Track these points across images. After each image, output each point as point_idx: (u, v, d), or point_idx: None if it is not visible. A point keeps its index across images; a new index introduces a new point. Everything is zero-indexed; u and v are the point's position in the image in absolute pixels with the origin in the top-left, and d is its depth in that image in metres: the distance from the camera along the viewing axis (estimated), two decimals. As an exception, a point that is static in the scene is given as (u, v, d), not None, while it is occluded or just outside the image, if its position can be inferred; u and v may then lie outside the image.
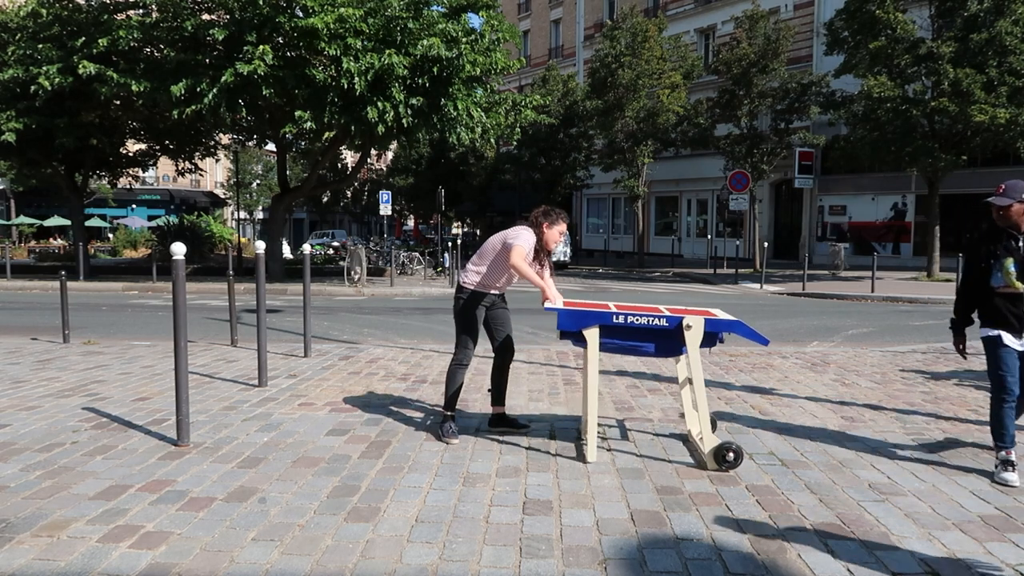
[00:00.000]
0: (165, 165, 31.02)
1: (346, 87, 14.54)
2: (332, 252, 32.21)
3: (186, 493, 3.73)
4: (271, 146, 27.03)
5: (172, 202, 44.47)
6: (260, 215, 49.08)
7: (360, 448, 4.50)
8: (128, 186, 27.81)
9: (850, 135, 20.82)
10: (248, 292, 14.38)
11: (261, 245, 6.36)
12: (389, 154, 56.11)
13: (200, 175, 40.86)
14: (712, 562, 3.04)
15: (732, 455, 4.13)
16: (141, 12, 16.46)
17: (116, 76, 14.81)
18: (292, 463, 4.21)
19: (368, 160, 28.01)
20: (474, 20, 16.80)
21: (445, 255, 21.55)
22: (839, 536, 3.31)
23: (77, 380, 6.42)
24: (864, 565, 3.02)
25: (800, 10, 28.99)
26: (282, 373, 6.76)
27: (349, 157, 51.61)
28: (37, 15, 16.30)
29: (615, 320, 4.22)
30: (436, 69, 14.92)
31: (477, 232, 53.12)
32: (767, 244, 22.58)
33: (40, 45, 15.52)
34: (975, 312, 4.25)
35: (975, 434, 4.97)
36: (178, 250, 4.44)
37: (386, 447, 4.53)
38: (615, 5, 36.16)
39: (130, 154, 22.97)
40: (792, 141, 25.23)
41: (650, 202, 35.13)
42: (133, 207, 43.09)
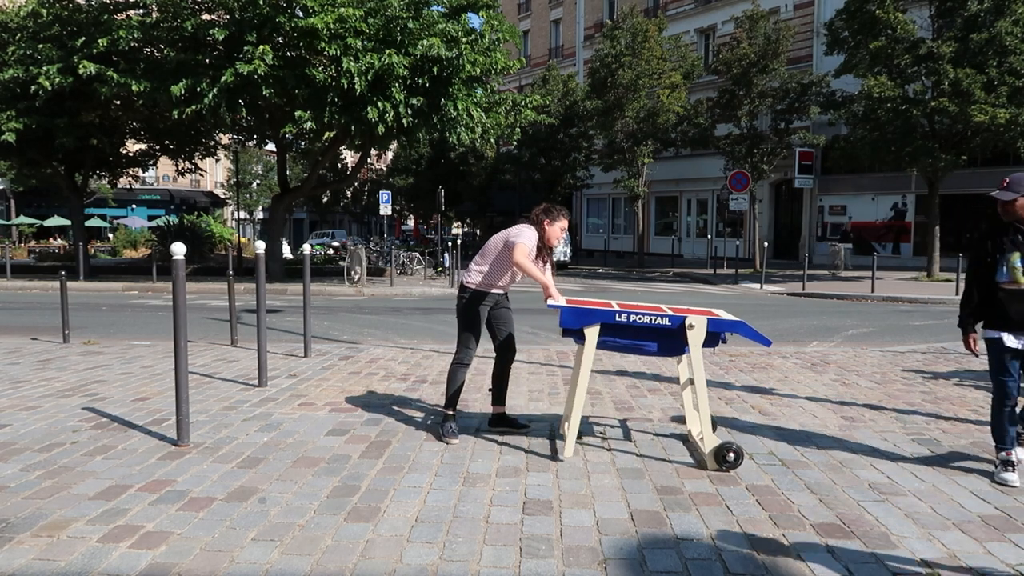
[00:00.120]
0: (165, 165, 31.03)
1: (346, 87, 14.54)
2: (332, 252, 32.21)
3: (186, 493, 3.73)
4: (271, 146, 27.03)
5: (172, 202, 44.47)
6: (260, 215, 49.08)
7: (360, 448, 4.50)
8: (128, 186, 27.82)
9: (850, 135, 20.82)
10: (248, 292, 14.38)
11: (261, 245, 6.36)
12: (389, 154, 56.12)
13: (200, 175, 40.87)
14: (712, 562, 3.04)
15: (732, 455, 4.12)
16: (141, 12, 16.46)
17: (116, 76, 14.82)
18: (292, 463, 4.21)
19: (368, 160, 28.01)
20: (474, 20, 16.81)
21: (445, 255, 21.56)
22: (839, 536, 3.31)
23: (77, 380, 6.42)
24: (864, 565, 3.02)
25: (800, 10, 28.99)
26: (282, 373, 6.76)
27: (349, 157, 51.61)
28: (37, 15, 16.30)
29: (618, 318, 4.21)
30: (436, 69, 14.93)
31: (477, 232, 53.13)
32: (767, 244, 22.58)
33: (40, 45, 15.52)
34: (980, 308, 4.14)
35: (975, 434, 4.97)
36: (178, 250, 4.44)
37: (386, 447, 4.53)
38: (615, 5, 36.16)
39: (130, 154, 22.97)
40: (792, 141, 25.23)
41: (650, 202, 35.13)
42: (133, 207, 43.09)
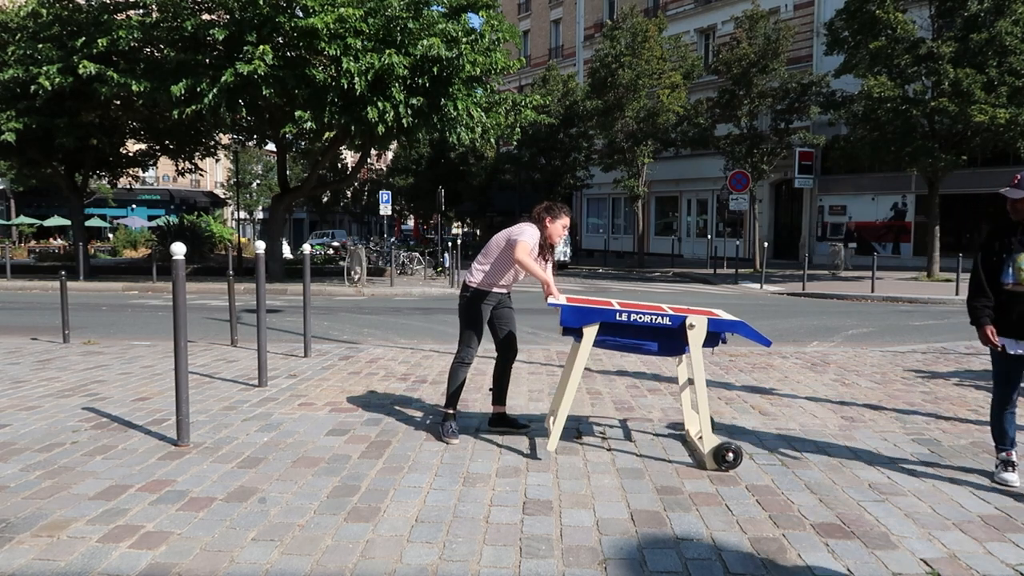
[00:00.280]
0: (165, 165, 31.03)
1: (346, 87, 14.54)
2: (332, 252, 32.21)
3: (186, 493, 3.73)
4: (271, 146, 27.03)
5: (172, 202, 44.47)
6: (260, 215, 49.07)
7: (360, 448, 4.50)
8: (128, 186, 27.81)
9: (850, 135, 20.82)
10: (248, 292, 14.38)
11: (261, 245, 6.36)
12: (389, 154, 56.12)
13: (200, 175, 40.86)
14: (712, 562, 3.04)
15: (732, 455, 4.12)
16: (141, 12, 16.45)
17: (116, 76, 14.82)
18: (292, 463, 4.21)
19: (368, 160, 28.01)
20: (474, 20, 16.81)
21: (445, 255, 21.56)
22: (839, 536, 3.31)
23: (77, 380, 6.42)
24: (864, 565, 3.02)
25: (800, 10, 28.99)
26: (282, 373, 6.76)
27: (349, 157, 51.60)
28: (37, 15, 16.30)
29: (619, 317, 4.21)
30: (436, 69, 14.92)
31: (477, 232, 53.16)
32: (767, 244, 22.58)
33: (40, 45, 15.51)
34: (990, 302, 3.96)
35: (975, 434, 4.97)
36: (178, 250, 4.44)
37: (386, 447, 4.53)
38: (615, 5, 36.16)
39: (130, 154, 22.97)
40: (792, 141, 25.23)
41: (650, 202, 35.13)
42: (133, 207, 43.09)
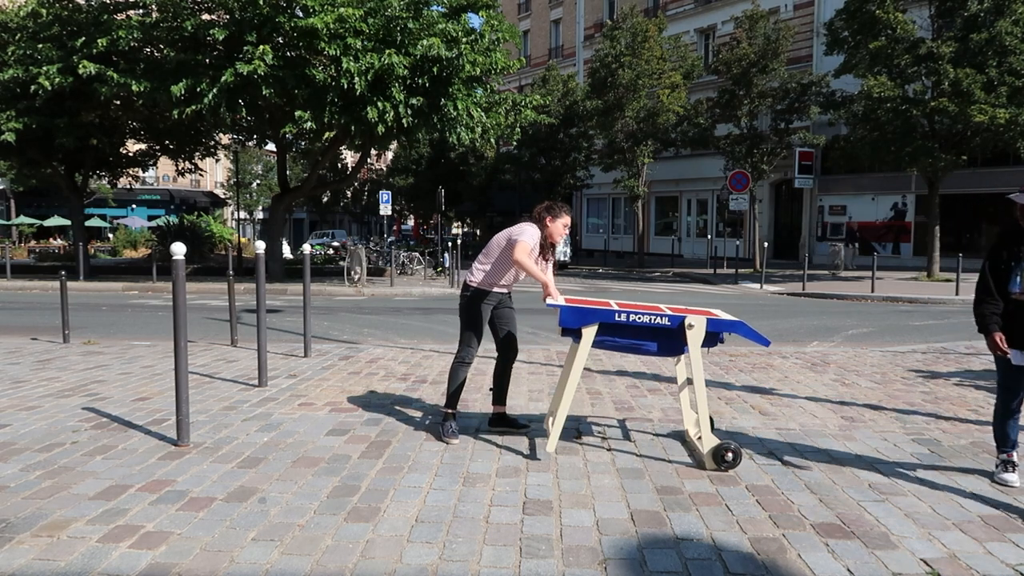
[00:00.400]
0: (165, 165, 31.03)
1: (346, 87, 14.54)
2: (332, 252, 32.22)
3: (186, 493, 3.73)
4: (271, 146, 27.03)
5: (172, 202, 44.47)
6: (260, 215, 49.08)
7: (360, 448, 4.50)
8: (128, 186, 27.82)
9: (850, 135, 20.83)
10: (248, 292, 14.38)
11: (261, 245, 6.36)
12: (389, 154, 56.13)
13: (200, 175, 40.87)
14: (712, 562, 3.04)
15: (731, 455, 4.12)
16: (141, 12, 16.46)
17: (116, 76, 14.82)
18: (292, 463, 4.21)
19: (368, 160, 28.02)
20: (474, 20, 16.81)
21: (445, 255, 21.56)
22: (839, 536, 3.31)
23: (77, 380, 6.42)
24: (864, 565, 3.02)
25: (800, 10, 28.99)
26: (282, 373, 6.76)
27: (349, 157, 51.61)
28: (37, 15, 16.30)
29: (618, 318, 4.21)
30: (436, 69, 14.92)
31: (477, 232, 53.16)
32: (767, 244, 22.58)
33: (40, 45, 15.52)
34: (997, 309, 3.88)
35: (975, 434, 4.97)
36: (178, 250, 4.44)
37: (386, 447, 4.53)
38: (615, 5, 36.16)
39: (130, 154, 22.98)
40: (792, 141, 25.23)
41: (650, 202, 35.13)
42: (133, 207, 43.09)
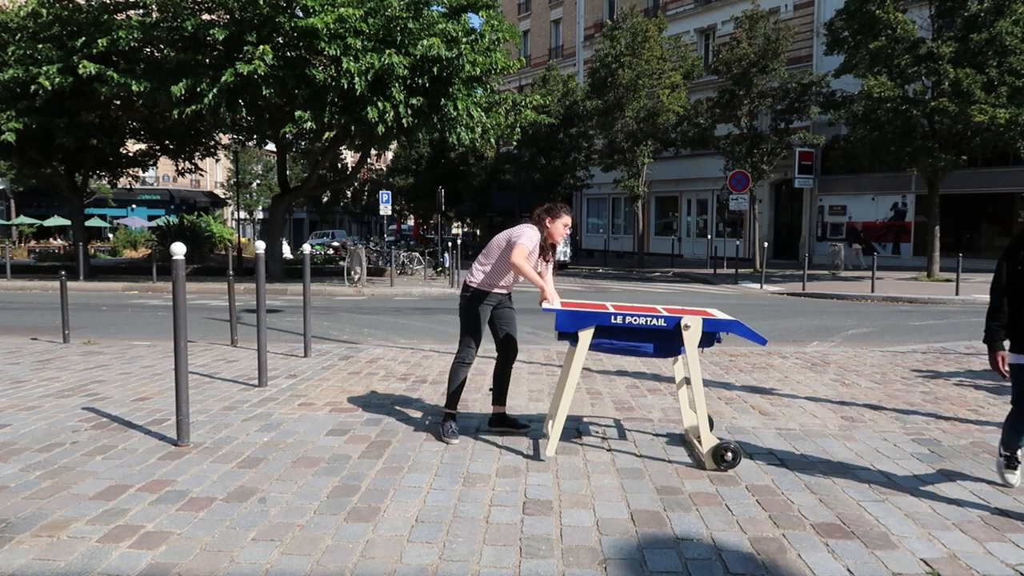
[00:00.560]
0: (165, 165, 31.02)
1: (346, 87, 14.54)
2: (332, 252, 32.22)
3: (186, 493, 3.73)
4: (271, 146, 27.03)
5: (172, 202, 44.47)
6: (260, 215, 49.08)
7: (360, 448, 4.50)
8: (128, 186, 27.82)
9: (850, 135, 20.82)
10: (248, 292, 14.38)
11: (261, 245, 6.36)
12: (389, 154, 56.13)
13: (200, 175, 40.86)
14: (712, 562, 3.04)
15: (730, 454, 4.12)
16: (141, 12, 16.46)
17: (116, 76, 14.82)
18: (292, 463, 4.21)
19: (368, 160, 28.01)
20: (474, 20, 16.81)
21: (445, 255, 21.56)
22: (839, 536, 3.31)
23: (77, 380, 6.42)
24: (864, 565, 3.02)
25: (800, 10, 28.99)
26: (282, 373, 6.76)
27: (349, 157, 51.60)
28: (37, 15, 16.30)
29: (613, 320, 4.22)
30: (436, 69, 14.92)
31: (477, 232, 53.16)
32: (767, 244, 22.58)
33: (40, 45, 15.52)
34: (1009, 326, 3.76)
35: (975, 434, 4.97)
36: (178, 250, 4.44)
37: (386, 447, 4.53)
38: (615, 5, 36.16)
39: (130, 154, 22.97)
40: (792, 141, 25.23)
41: (650, 202, 35.13)
42: (133, 207, 43.09)
